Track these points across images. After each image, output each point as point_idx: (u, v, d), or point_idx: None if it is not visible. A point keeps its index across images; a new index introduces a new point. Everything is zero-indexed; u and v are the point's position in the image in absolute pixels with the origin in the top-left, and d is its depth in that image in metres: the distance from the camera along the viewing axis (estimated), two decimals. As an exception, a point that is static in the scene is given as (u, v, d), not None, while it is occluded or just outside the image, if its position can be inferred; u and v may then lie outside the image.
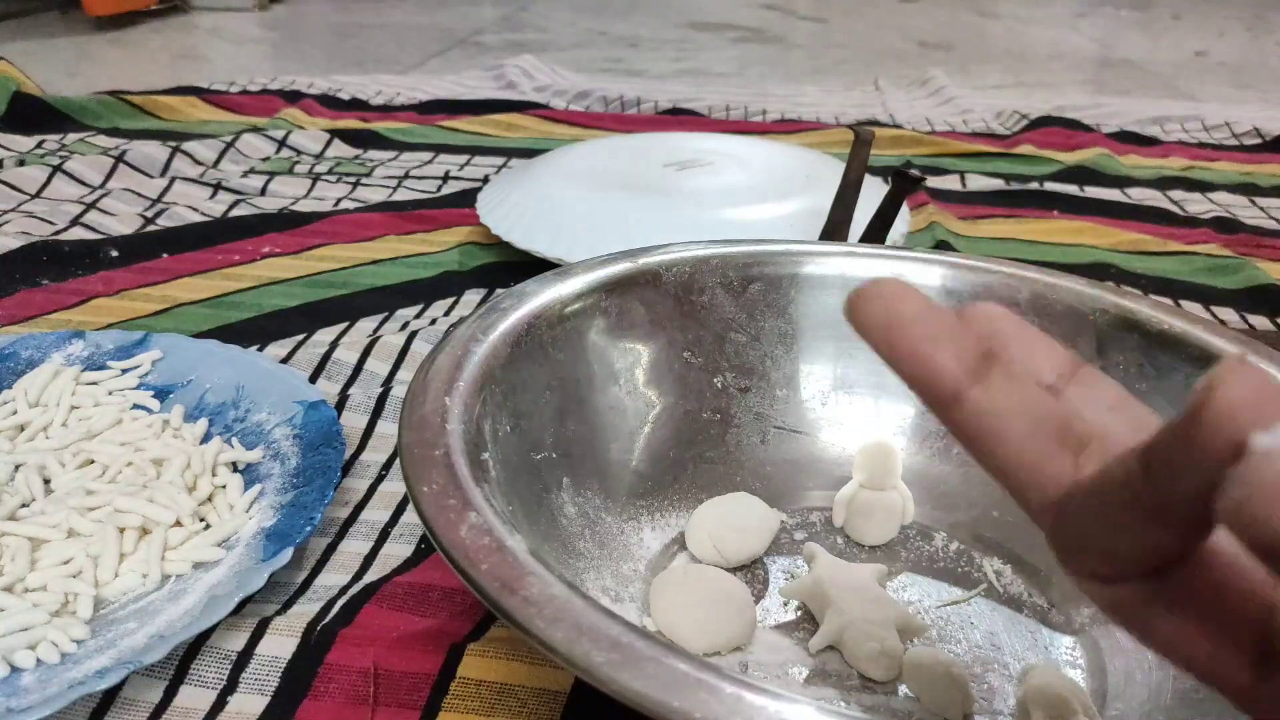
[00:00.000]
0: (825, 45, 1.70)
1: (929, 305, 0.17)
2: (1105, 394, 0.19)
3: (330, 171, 0.86)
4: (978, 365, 0.17)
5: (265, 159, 0.89)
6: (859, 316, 0.17)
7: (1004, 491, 0.18)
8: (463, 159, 0.91)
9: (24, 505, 0.39)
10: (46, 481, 0.40)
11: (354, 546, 0.40)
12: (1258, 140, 1.05)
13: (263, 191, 0.80)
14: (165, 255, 0.66)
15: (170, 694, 0.32)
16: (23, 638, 0.32)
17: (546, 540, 0.33)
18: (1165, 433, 0.14)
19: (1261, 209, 0.83)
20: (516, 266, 0.65)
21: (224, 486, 0.40)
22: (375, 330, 0.56)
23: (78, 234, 0.69)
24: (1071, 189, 0.86)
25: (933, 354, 0.17)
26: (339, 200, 0.79)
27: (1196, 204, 0.83)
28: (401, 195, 0.81)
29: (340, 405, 0.48)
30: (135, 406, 0.45)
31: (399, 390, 0.49)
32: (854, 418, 0.43)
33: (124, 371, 0.47)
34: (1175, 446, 0.14)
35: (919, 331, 0.17)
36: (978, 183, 0.87)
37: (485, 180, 0.83)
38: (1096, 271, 0.67)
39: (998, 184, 0.87)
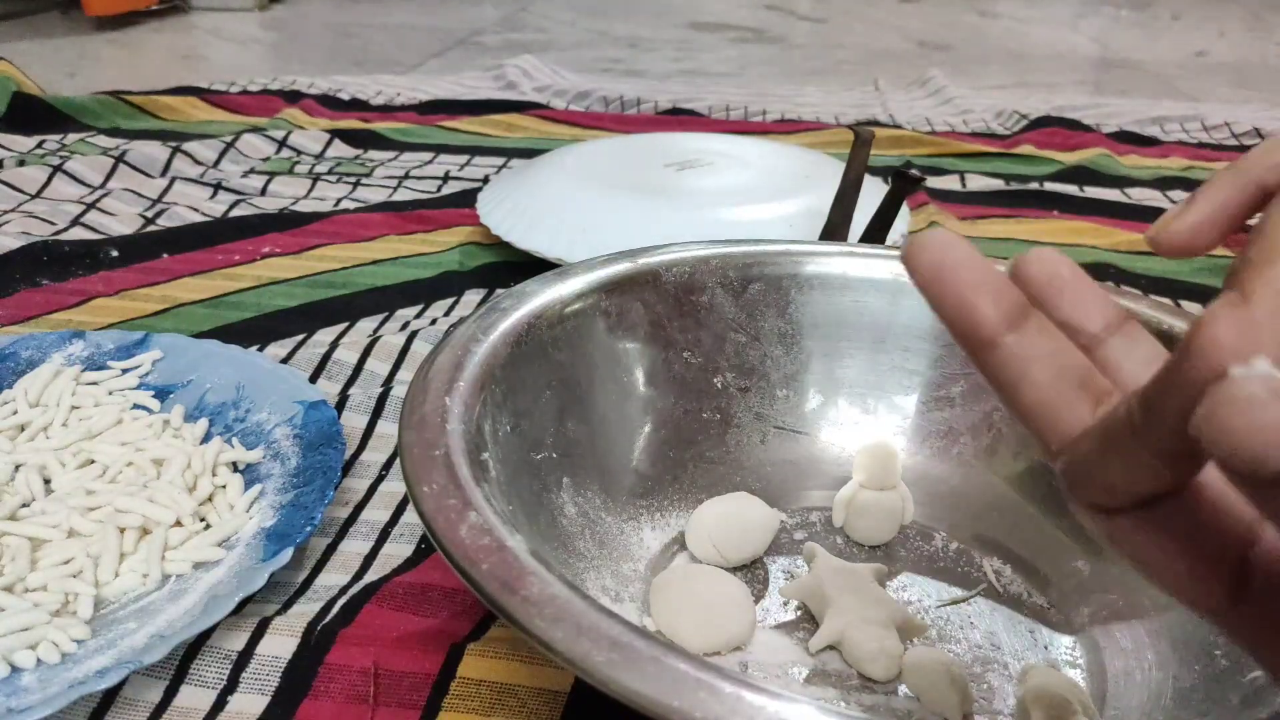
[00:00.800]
0: (825, 45, 1.70)
1: (977, 255, 0.19)
2: (1145, 349, 0.20)
3: (330, 172, 0.86)
4: (1014, 314, 0.18)
5: (265, 159, 0.89)
6: (912, 261, 0.19)
7: (1027, 430, 0.19)
8: (463, 159, 0.91)
9: (24, 505, 0.39)
10: (46, 481, 0.40)
11: (354, 546, 0.40)
12: (1258, 140, 1.05)
13: (263, 191, 0.80)
14: (165, 255, 0.66)
15: (170, 694, 0.32)
16: (23, 638, 0.32)
17: (546, 540, 0.33)
18: (1162, 370, 0.15)
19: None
20: (516, 266, 0.65)
21: (224, 486, 0.40)
22: (375, 330, 0.56)
23: (78, 234, 0.69)
24: (1071, 189, 0.86)
25: (974, 299, 0.18)
26: (339, 200, 0.79)
27: (1196, 204, 0.83)
28: (401, 195, 0.81)
29: (340, 405, 0.48)
30: (135, 406, 0.45)
31: (399, 390, 0.49)
32: (854, 418, 0.43)
33: (124, 371, 0.47)
34: (1168, 381, 0.15)
35: (964, 278, 0.18)
36: (978, 183, 0.87)
37: (485, 180, 0.83)
38: (1096, 272, 0.67)
39: (998, 184, 0.87)
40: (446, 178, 0.86)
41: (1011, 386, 0.19)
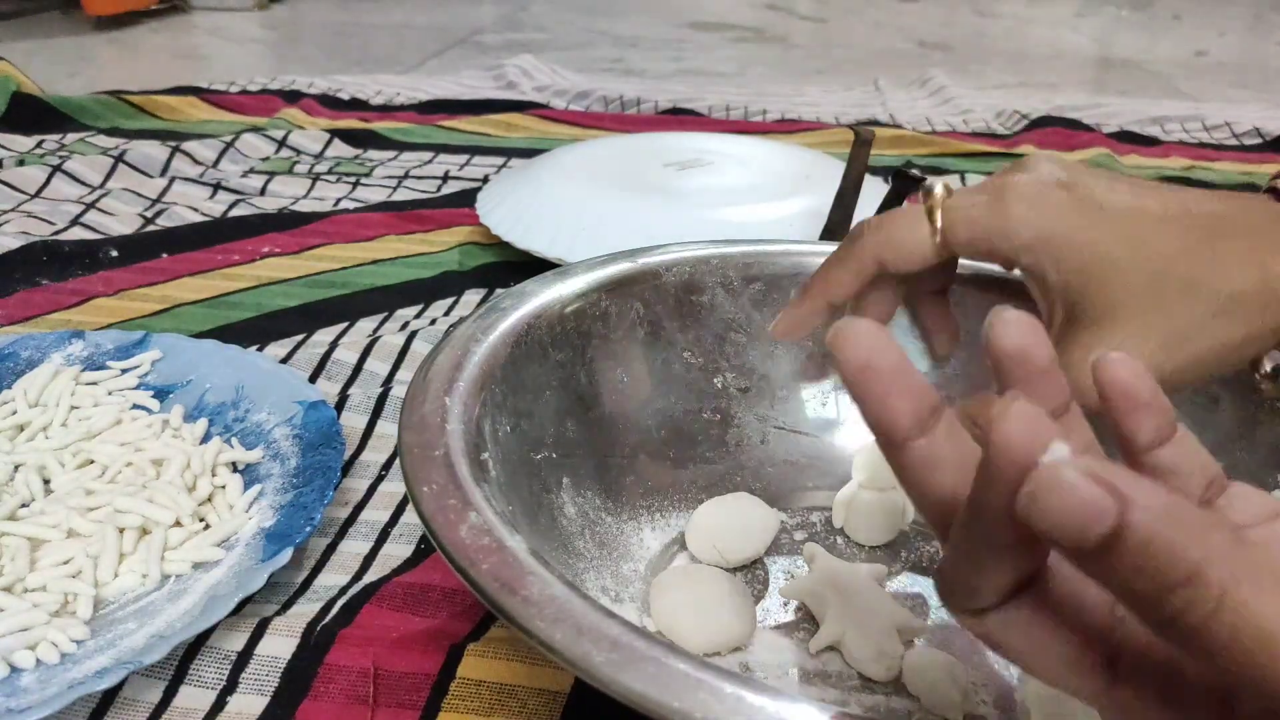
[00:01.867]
0: (825, 45, 1.70)
1: (902, 356, 0.19)
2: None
3: (330, 171, 0.86)
4: (926, 417, 0.19)
5: (265, 159, 0.89)
6: (841, 352, 0.19)
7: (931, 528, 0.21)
8: (463, 159, 0.91)
9: (24, 505, 0.39)
10: (46, 481, 0.40)
11: (354, 546, 0.40)
12: (1258, 140, 1.05)
13: (262, 191, 0.80)
14: (165, 255, 0.66)
15: (170, 694, 0.32)
16: (23, 638, 0.32)
17: (546, 540, 0.33)
18: (979, 470, 0.17)
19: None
20: (516, 266, 0.65)
21: (224, 487, 0.40)
22: (375, 330, 0.56)
23: (78, 234, 0.69)
24: (1071, 189, 0.85)
25: (894, 402, 0.19)
26: (339, 200, 0.79)
27: (1196, 204, 0.83)
28: (401, 195, 0.81)
29: (340, 405, 0.48)
30: (135, 406, 0.45)
31: (399, 390, 0.49)
32: (854, 418, 0.43)
33: (124, 371, 0.47)
34: (985, 480, 0.17)
35: (888, 380, 0.19)
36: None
37: (485, 180, 0.83)
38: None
39: (998, 184, 0.87)
40: (446, 177, 0.86)
41: (916, 487, 0.20)
